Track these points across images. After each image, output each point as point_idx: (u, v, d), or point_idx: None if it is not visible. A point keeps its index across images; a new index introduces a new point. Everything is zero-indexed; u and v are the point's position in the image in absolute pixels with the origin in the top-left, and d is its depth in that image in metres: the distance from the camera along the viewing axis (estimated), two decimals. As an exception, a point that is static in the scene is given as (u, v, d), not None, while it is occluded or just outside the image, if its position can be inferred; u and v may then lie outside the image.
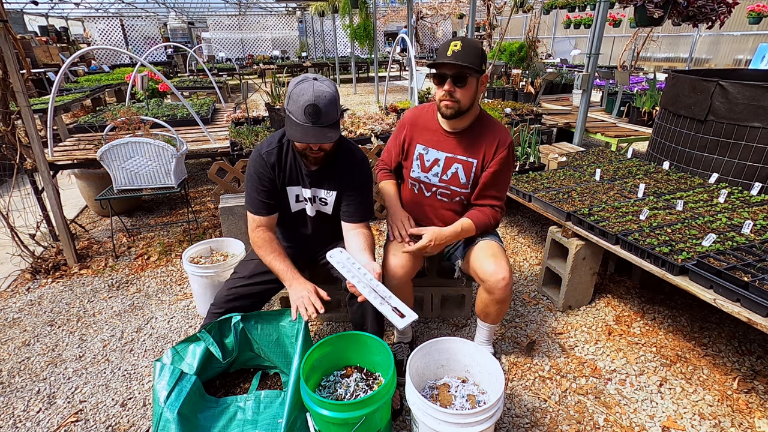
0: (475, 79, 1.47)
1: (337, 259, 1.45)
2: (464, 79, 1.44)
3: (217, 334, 1.55)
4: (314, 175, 1.54)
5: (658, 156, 2.72)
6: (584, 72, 3.27)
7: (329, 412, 1.19)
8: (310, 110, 1.29)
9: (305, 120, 1.30)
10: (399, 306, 1.30)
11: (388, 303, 1.32)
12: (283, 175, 1.54)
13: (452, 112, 1.51)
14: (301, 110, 1.30)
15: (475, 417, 1.18)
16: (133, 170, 2.56)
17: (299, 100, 1.30)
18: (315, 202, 1.62)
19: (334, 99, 1.34)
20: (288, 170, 1.54)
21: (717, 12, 3.00)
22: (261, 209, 1.54)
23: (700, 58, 9.23)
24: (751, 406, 1.58)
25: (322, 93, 1.31)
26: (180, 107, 4.12)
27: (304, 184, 1.57)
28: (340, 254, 1.47)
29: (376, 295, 1.34)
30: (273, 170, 1.51)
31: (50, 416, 1.61)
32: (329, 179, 1.56)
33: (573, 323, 2.05)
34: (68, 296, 2.37)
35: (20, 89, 2.26)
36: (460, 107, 1.50)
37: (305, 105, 1.29)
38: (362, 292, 1.33)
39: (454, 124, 1.60)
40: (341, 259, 1.46)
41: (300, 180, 1.56)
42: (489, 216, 1.63)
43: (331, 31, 12.90)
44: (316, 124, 1.31)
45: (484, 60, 1.47)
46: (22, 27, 10.77)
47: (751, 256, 1.54)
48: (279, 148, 1.52)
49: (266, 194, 1.53)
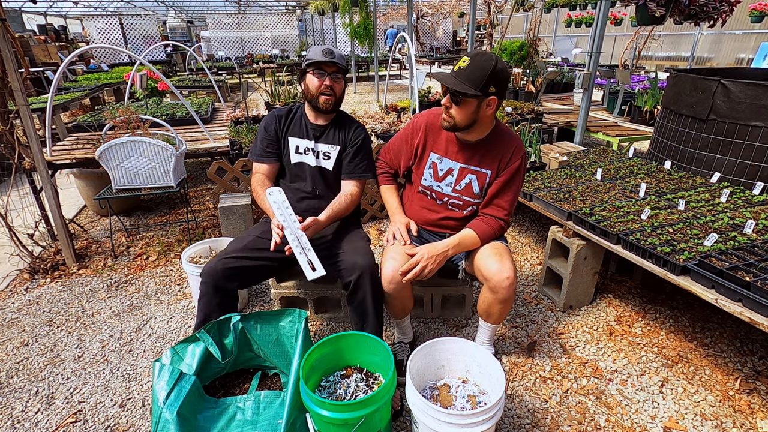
0: (475, 101, 1.40)
1: (274, 198, 1.51)
2: (458, 99, 1.42)
3: (217, 334, 1.55)
4: (320, 129, 1.74)
5: (660, 155, 2.71)
6: (585, 71, 3.26)
7: (329, 413, 1.19)
8: (327, 51, 1.60)
9: (322, 56, 1.58)
10: (313, 260, 1.44)
11: (305, 254, 1.44)
12: (287, 126, 1.75)
13: (447, 126, 1.50)
14: (319, 51, 1.60)
15: (476, 417, 1.17)
16: (132, 170, 2.54)
17: (318, 47, 1.62)
18: (318, 156, 1.75)
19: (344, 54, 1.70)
20: (293, 122, 1.76)
21: (719, 10, 2.99)
22: (261, 156, 1.75)
23: (702, 56, 9.22)
24: (753, 406, 1.57)
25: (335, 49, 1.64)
26: (179, 106, 4.11)
27: (308, 137, 1.74)
28: (279, 194, 1.52)
29: (298, 244, 1.45)
30: (280, 120, 1.75)
31: (49, 417, 1.60)
32: (333, 135, 1.75)
33: (574, 323, 2.04)
34: (67, 296, 2.36)
35: (19, 88, 2.24)
36: (455, 124, 1.47)
37: (323, 48, 1.60)
38: (288, 237, 1.45)
39: (469, 135, 1.56)
40: (278, 199, 1.51)
41: (304, 133, 1.75)
42: (495, 228, 1.59)
43: (331, 29, 12.89)
44: (332, 59, 1.59)
45: (494, 82, 1.37)
46: (21, 25, 10.74)
47: (753, 255, 1.53)
48: (289, 108, 1.80)
49: (267, 142, 1.74)
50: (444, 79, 1.41)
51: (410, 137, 1.69)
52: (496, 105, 1.45)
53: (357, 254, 1.55)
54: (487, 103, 1.43)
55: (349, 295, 1.57)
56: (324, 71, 1.61)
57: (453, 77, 1.40)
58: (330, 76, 1.62)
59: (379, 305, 1.58)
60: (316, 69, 1.61)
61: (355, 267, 1.52)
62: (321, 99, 1.64)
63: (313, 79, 1.63)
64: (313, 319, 2.09)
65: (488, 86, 1.38)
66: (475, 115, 1.45)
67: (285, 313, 1.55)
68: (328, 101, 1.65)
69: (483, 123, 1.50)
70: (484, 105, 1.43)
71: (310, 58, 1.62)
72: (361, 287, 1.53)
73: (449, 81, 1.39)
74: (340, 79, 1.67)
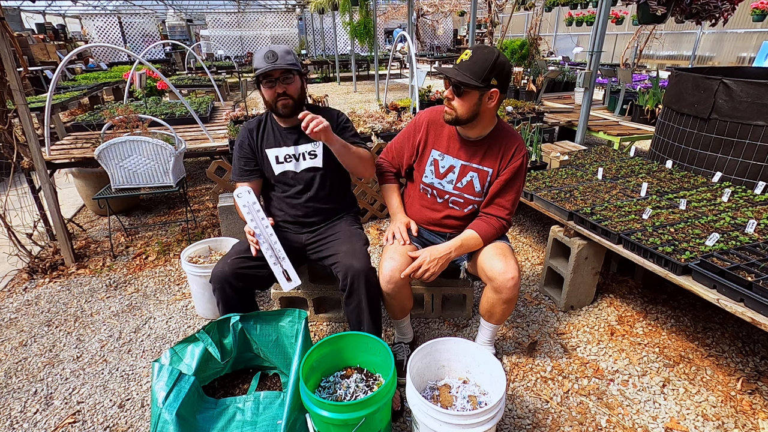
0: (477, 93, 1.42)
1: (243, 200, 1.46)
2: (460, 91, 1.42)
3: (216, 334, 1.54)
4: (294, 131, 1.67)
5: (661, 155, 2.70)
6: (586, 70, 3.25)
7: (329, 413, 1.18)
8: (268, 54, 1.51)
9: (265, 63, 1.50)
10: (288, 269, 1.41)
11: (280, 264, 1.40)
12: (260, 138, 1.69)
13: (449, 119, 1.49)
14: (261, 58, 1.51)
15: (477, 418, 1.17)
16: (131, 169, 2.53)
17: (260, 52, 1.52)
18: (300, 158, 1.69)
19: (288, 49, 1.56)
20: (265, 133, 1.69)
21: (720, 9, 2.98)
22: (240, 175, 1.70)
23: (704, 55, 9.20)
24: (755, 407, 1.56)
25: (277, 47, 1.54)
26: (178, 105, 4.09)
27: (285, 144, 1.68)
28: (248, 195, 1.47)
29: (272, 254, 1.41)
30: (252, 135, 1.69)
31: (47, 417, 1.59)
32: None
33: (575, 323, 2.03)
34: (65, 296, 2.35)
35: (17, 87, 2.23)
36: (458, 117, 1.46)
37: (264, 54, 1.51)
38: (261, 246, 1.41)
39: (472, 132, 1.55)
40: (248, 201, 1.46)
41: (281, 141, 1.68)
42: (496, 228, 1.58)
43: (331, 28, 12.86)
44: (275, 63, 1.51)
45: (496, 74, 1.38)
46: (19, 24, 10.71)
47: (755, 255, 1.52)
48: (259, 120, 1.73)
49: (245, 161, 1.69)
50: (446, 71, 1.42)
51: (412, 134, 1.69)
52: (498, 99, 1.44)
53: (353, 257, 1.54)
54: (489, 95, 1.43)
55: (344, 297, 1.57)
56: (272, 78, 1.53)
57: (455, 69, 1.41)
58: (279, 81, 1.54)
59: (375, 308, 1.57)
60: (264, 78, 1.54)
61: (350, 270, 1.51)
62: (279, 105, 1.58)
63: (264, 89, 1.57)
64: (313, 319, 2.08)
65: (490, 78, 1.38)
66: (477, 107, 1.44)
67: (285, 314, 1.54)
68: (286, 105, 1.58)
69: (485, 117, 1.50)
70: (485, 98, 1.43)
71: (255, 67, 1.54)
72: (355, 291, 1.52)
73: (451, 72, 1.41)
74: (292, 78, 1.56)
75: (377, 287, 1.56)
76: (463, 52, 1.43)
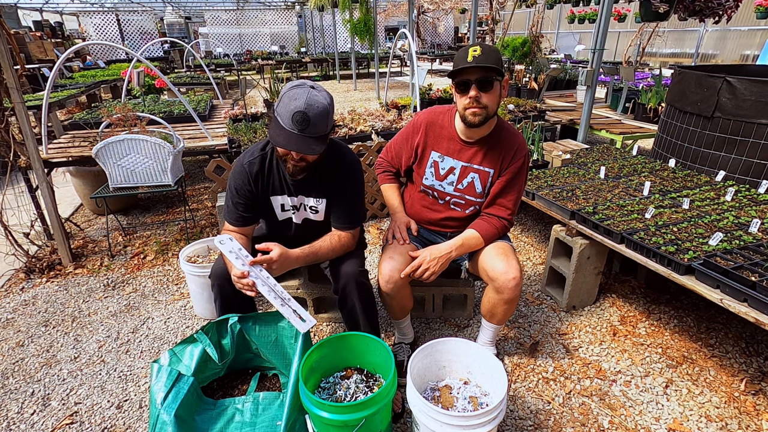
0: (499, 82, 1.42)
1: (228, 247, 1.29)
2: (490, 83, 1.38)
3: (215, 335, 1.52)
4: (300, 182, 1.46)
5: (664, 153, 2.68)
6: (589, 68, 3.22)
7: (328, 414, 1.17)
8: (298, 117, 1.21)
9: (291, 126, 1.23)
10: (298, 309, 1.24)
11: (288, 305, 1.24)
12: (265, 185, 1.47)
13: (481, 119, 1.43)
14: (289, 115, 1.22)
15: (478, 419, 1.16)
16: (129, 168, 2.52)
17: (290, 104, 1.23)
18: (301, 209, 1.54)
19: (327, 111, 1.26)
20: (271, 179, 1.47)
21: (724, 7, 2.96)
22: (237, 221, 1.47)
23: (707, 53, 9.16)
24: (759, 408, 1.55)
25: (316, 102, 1.23)
26: (177, 104, 4.07)
27: (289, 192, 1.49)
28: (231, 242, 1.31)
29: (276, 296, 1.24)
30: (255, 181, 1.45)
31: (45, 418, 1.58)
32: (317, 186, 1.48)
33: (577, 324, 2.02)
34: (63, 296, 2.33)
35: (14, 85, 2.21)
36: (488, 113, 1.43)
37: (294, 111, 1.21)
38: (260, 289, 1.24)
39: (473, 133, 1.53)
40: (233, 248, 1.30)
41: (285, 188, 1.48)
42: (498, 228, 1.57)
43: (331, 26, 12.80)
44: (303, 132, 1.24)
45: (503, 63, 1.43)
46: (16, 22, 10.66)
47: (759, 255, 1.51)
48: (262, 157, 1.45)
49: (244, 207, 1.46)
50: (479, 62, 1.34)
51: (410, 136, 1.66)
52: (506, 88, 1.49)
53: (346, 261, 1.52)
54: (503, 84, 1.45)
55: (338, 301, 1.56)
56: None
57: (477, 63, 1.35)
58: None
59: (370, 311, 1.55)
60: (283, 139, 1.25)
61: (341, 275, 1.49)
62: (290, 165, 1.36)
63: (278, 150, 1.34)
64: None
65: (503, 66, 1.42)
66: (500, 98, 1.46)
67: (284, 314, 1.53)
68: (298, 168, 1.36)
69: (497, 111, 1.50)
70: (501, 87, 1.45)
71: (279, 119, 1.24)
72: (348, 295, 1.50)
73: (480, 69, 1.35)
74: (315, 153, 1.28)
75: (371, 290, 1.54)
76: (470, 50, 1.39)
